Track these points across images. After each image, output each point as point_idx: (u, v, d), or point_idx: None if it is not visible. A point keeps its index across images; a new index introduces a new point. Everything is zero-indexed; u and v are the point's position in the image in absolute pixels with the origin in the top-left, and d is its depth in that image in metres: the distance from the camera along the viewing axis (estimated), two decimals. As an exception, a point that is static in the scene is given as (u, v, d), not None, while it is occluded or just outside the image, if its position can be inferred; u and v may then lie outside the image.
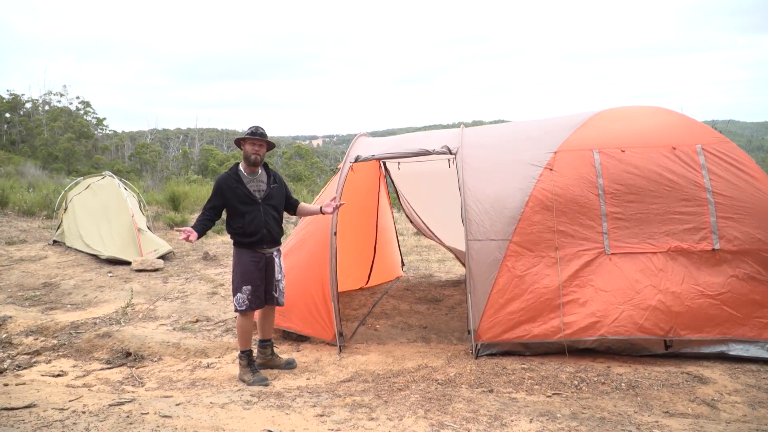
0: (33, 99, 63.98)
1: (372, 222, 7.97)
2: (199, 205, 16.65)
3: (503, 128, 6.64)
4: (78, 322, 6.35)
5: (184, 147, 64.00)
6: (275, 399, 4.39)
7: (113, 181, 10.48)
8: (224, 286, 7.75)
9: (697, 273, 4.86)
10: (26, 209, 13.97)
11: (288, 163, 55.57)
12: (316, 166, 54.32)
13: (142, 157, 55.00)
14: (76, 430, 3.64)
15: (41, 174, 25.83)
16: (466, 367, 4.86)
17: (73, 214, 10.19)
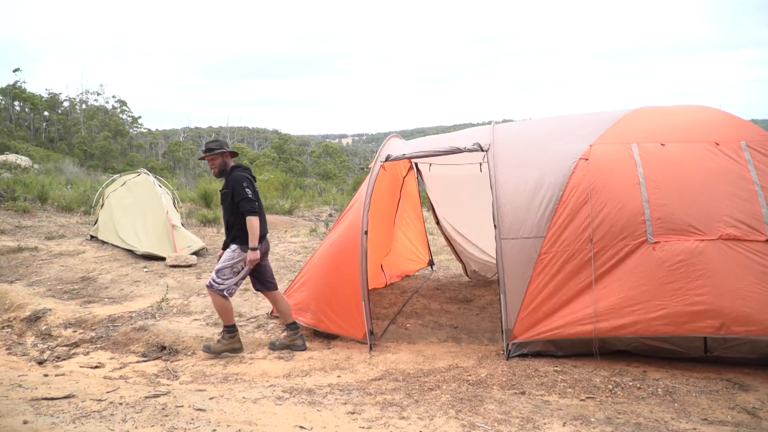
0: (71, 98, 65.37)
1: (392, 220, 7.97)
2: (231, 202, 16.83)
3: (535, 124, 6.56)
4: (115, 315, 6.47)
5: (216, 145, 64.58)
6: (306, 395, 4.41)
7: (148, 179, 10.64)
8: (256, 283, 7.82)
9: (750, 263, 4.52)
10: (65, 205, 14.27)
11: (317, 162, 55.86)
12: (344, 164, 54.51)
13: (175, 155, 55.82)
14: (113, 421, 3.70)
15: (79, 171, 26.38)
16: (498, 368, 4.82)
17: (110, 210, 10.37)
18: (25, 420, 3.58)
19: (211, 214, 13.45)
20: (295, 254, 9.72)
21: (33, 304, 6.85)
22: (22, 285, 7.78)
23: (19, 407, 3.89)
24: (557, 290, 4.93)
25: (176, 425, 3.62)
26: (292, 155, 54.73)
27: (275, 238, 11.46)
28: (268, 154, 53.62)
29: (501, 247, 5.16)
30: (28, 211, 13.36)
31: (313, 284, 6.08)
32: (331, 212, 16.72)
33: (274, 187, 20.23)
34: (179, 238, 9.46)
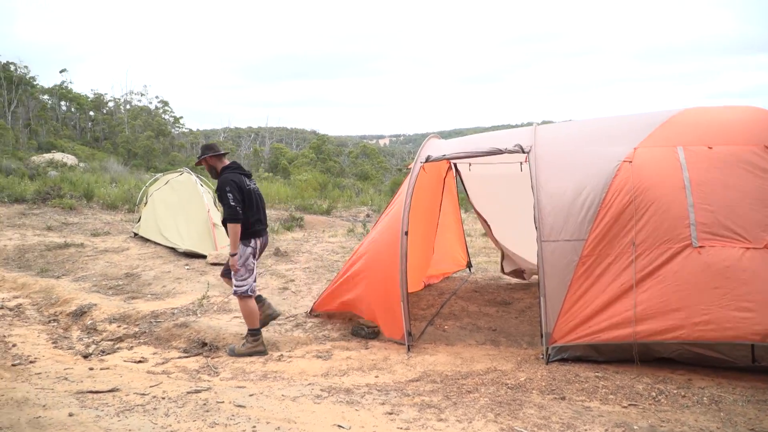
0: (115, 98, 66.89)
1: (435, 222, 7.93)
2: (270, 202, 17.02)
3: (578, 126, 6.47)
4: (157, 311, 6.60)
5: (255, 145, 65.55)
6: (344, 395, 4.43)
7: (191, 178, 10.82)
8: (294, 282, 7.89)
9: None
10: (110, 203, 14.62)
11: (354, 162, 56.06)
12: (382, 165, 54.58)
13: (216, 155, 56.54)
14: (156, 414, 3.77)
15: (123, 170, 26.99)
16: (537, 373, 4.77)
17: (153, 208, 10.59)
18: (70, 412, 3.68)
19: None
20: (332, 254, 9.78)
21: (79, 299, 7.03)
22: (68, 280, 8.00)
23: (64, 400, 4.00)
24: (598, 294, 4.86)
25: (217, 420, 3.68)
26: (329, 156, 55.04)
27: (313, 238, 11.54)
28: (306, 155, 54.05)
29: (542, 249, 5.11)
30: (74, 209, 13.72)
31: (353, 283, 6.11)
32: (369, 213, 16.77)
33: (312, 187, 20.38)
34: (220, 237, 9.59)
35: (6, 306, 7.07)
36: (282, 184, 22.03)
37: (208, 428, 3.56)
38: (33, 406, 3.77)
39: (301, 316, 6.48)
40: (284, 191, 18.90)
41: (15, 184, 15.91)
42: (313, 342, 5.84)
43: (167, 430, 3.48)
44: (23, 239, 10.16)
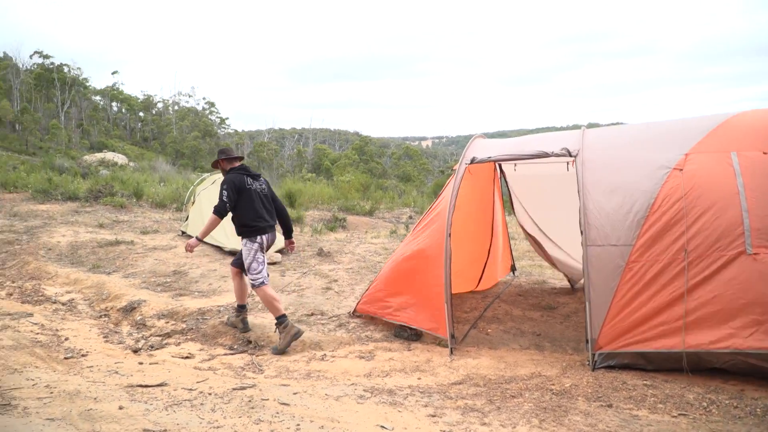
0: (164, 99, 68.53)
1: (486, 224, 7.88)
2: (314, 202, 17.17)
3: (627, 130, 6.35)
4: (204, 308, 6.73)
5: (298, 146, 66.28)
6: (387, 396, 4.44)
7: (237, 178, 10.98)
8: (338, 282, 7.93)
9: None
10: (158, 202, 14.95)
11: (397, 164, 56.17)
12: (424, 167, 54.55)
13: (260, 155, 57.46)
14: (203, 410, 3.84)
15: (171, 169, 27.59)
16: (583, 379, 4.69)
17: (200, 207, 10.78)
18: (120, 405, 3.78)
19: (295, 214, 13.75)
20: (375, 255, 9.80)
21: (129, 295, 7.21)
22: (118, 276, 8.21)
23: (115, 393, 4.10)
24: (646, 301, 4.76)
25: (262, 417, 3.73)
26: (372, 157, 55.30)
27: (356, 239, 11.59)
28: (349, 156, 54.43)
29: (587, 253, 5.04)
30: (124, 207, 14.09)
31: (396, 284, 6.12)
32: (411, 214, 16.76)
33: (355, 188, 20.48)
34: (264, 236, 9.73)
35: (59, 300, 7.30)
36: (325, 185, 22.20)
37: (253, 425, 3.61)
38: (85, 399, 3.88)
39: (344, 317, 6.52)
40: (327, 192, 19.03)
41: (68, 183, 16.42)
42: (356, 342, 5.86)
43: (214, 426, 3.54)
44: (76, 236, 10.47)
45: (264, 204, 5.99)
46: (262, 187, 6.07)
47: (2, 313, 6.39)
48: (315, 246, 10.35)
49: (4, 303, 7.04)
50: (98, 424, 3.44)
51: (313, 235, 11.85)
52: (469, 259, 7.56)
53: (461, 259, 6.59)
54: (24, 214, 12.46)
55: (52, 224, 11.53)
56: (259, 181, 6.06)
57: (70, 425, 3.38)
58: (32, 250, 9.43)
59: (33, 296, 7.43)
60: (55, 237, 10.31)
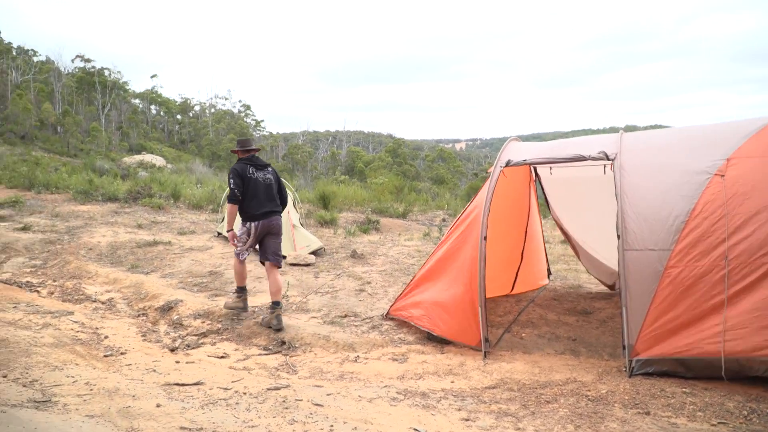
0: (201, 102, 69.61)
1: (521, 228, 7.80)
2: (347, 204, 17.24)
3: (667, 133, 6.24)
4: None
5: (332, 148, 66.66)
6: (420, 398, 4.43)
7: (272, 179, 11.09)
8: (371, 284, 7.95)
9: None
10: (195, 203, 15.19)
11: (430, 166, 56.08)
12: (458, 169, 54.36)
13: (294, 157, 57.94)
14: (238, 409, 3.89)
15: (207, 171, 27.99)
16: (620, 386, 4.62)
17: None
18: (158, 403, 3.85)
19: (329, 215, 13.82)
20: (409, 257, 9.80)
21: (166, 295, 7.34)
22: (156, 276, 8.36)
23: (152, 391, 4.18)
24: (685, 307, 4.67)
25: (296, 418, 3.76)
26: (405, 159, 55.31)
27: (389, 241, 11.60)
28: (382, 158, 54.54)
29: (624, 258, 4.97)
30: (162, 208, 14.34)
31: (428, 288, 6.11)
32: (445, 217, 16.71)
33: (388, 190, 20.50)
34: (299, 238, 9.79)
35: (99, 299, 7.47)
36: (358, 187, 22.27)
37: (288, 425, 3.64)
38: (123, 396, 3.96)
39: (377, 319, 6.53)
40: (361, 194, 19.09)
41: (108, 184, 16.79)
42: (389, 345, 5.87)
43: (249, 425, 3.58)
44: (115, 236, 10.70)
45: (266, 193, 6.48)
46: (266, 176, 6.55)
47: (44, 311, 6.56)
48: (348, 248, 10.39)
49: (45, 301, 7.23)
50: (136, 421, 3.51)
51: (347, 237, 11.89)
52: (503, 263, 7.50)
53: (495, 262, 6.54)
54: (65, 215, 12.78)
55: (92, 225, 11.80)
56: (264, 171, 6.55)
57: (108, 422, 3.46)
58: (73, 249, 9.66)
59: (74, 295, 7.61)
60: (96, 237, 10.55)
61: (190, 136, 63.72)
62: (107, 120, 54.36)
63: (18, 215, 12.56)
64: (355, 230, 12.57)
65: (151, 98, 66.69)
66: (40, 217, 12.48)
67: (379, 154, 61.23)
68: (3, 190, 16.47)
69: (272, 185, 6.57)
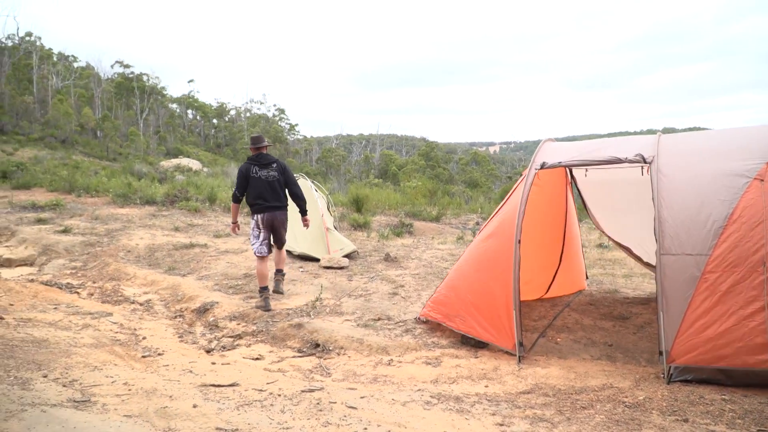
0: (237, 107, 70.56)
1: (558, 231, 7.71)
2: (381, 207, 17.27)
3: (705, 136, 6.12)
4: (273, 311, 6.87)
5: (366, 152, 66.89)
6: (454, 403, 4.42)
7: (306, 183, 11.17)
8: (404, 288, 7.95)
9: None
10: (230, 206, 15.38)
11: (464, 170, 55.85)
12: (492, 173, 54.02)
13: (328, 161, 58.31)
14: (273, 410, 3.93)
15: (242, 174, 28.19)
16: (657, 392, 4.54)
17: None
18: (194, 404, 3.91)
19: (362, 219, 13.87)
20: (442, 261, 9.78)
21: (202, 297, 7.45)
22: (192, 278, 8.50)
23: (189, 392, 4.25)
24: (722, 313, 4.58)
25: (330, 420, 3.78)
26: (438, 162, 55.19)
27: (422, 244, 11.59)
28: (415, 161, 54.50)
29: (661, 262, 4.89)
30: (198, 211, 14.58)
31: (462, 290, 6.08)
32: (478, 220, 16.61)
33: (422, 194, 20.47)
34: (332, 241, 9.85)
35: (137, 301, 7.63)
36: (392, 191, 22.30)
37: (322, 427, 3.67)
38: (161, 396, 4.04)
39: (410, 322, 6.53)
40: (394, 197, 19.11)
41: (146, 187, 17.14)
42: (423, 348, 5.86)
43: (283, 427, 3.62)
44: (153, 239, 10.91)
45: (268, 189, 7.13)
46: (270, 174, 7.18)
47: (84, 312, 6.72)
48: (382, 251, 10.41)
49: (85, 302, 7.41)
50: (173, 421, 3.58)
51: (380, 240, 11.92)
52: (538, 267, 7.43)
53: (530, 265, 6.48)
54: (105, 218, 13.08)
55: (131, 227, 12.06)
56: (267, 168, 7.19)
57: (146, 422, 3.53)
58: (112, 252, 9.88)
59: (113, 296, 7.79)
60: (134, 240, 10.77)
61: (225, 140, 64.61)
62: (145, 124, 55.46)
63: (59, 218, 12.90)
64: (389, 233, 12.58)
65: (188, 103, 67.83)
66: (80, 219, 12.80)
67: (412, 158, 61.21)
68: (44, 193, 16.95)
69: (275, 182, 7.18)
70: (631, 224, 7.45)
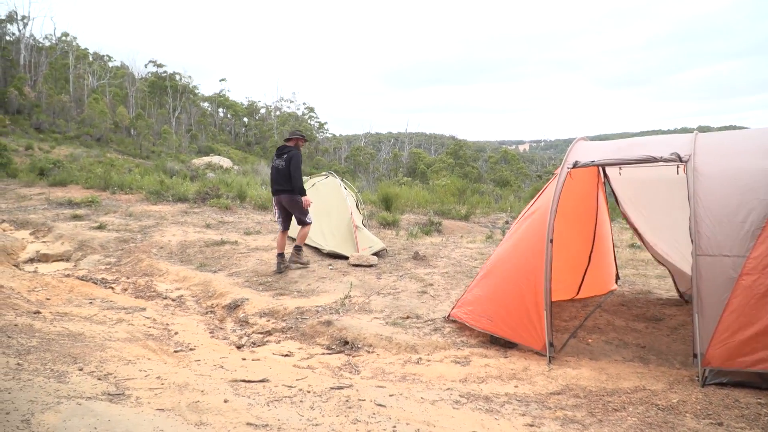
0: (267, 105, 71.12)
1: (588, 230, 7.61)
2: (409, 206, 17.25)
3: (743, 135, 5.98)
4: (303, 308, 6.91)
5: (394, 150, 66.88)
6: (483, 402, 4.40)
7: (335, 181, 11.22)
8: (433, 286, 7.93)
9: None
10: (260, 204, 15.51)
11: (493, 168, 55.53)
12: (522, 171, 53.61)
13: (356, 159, 58.44)
14: (302, 407, 3.95)
15: (272, 172, 28.41)
16: (691, 395, 4.45)
17: (299, 209, 11.09)
18: (225, 399, 3.95)
19: (391, 217, 13.87)
20: (471, 260, 9.73)
21: (233, 293, 7.53)
22: (223, 275, 8.59)
23: (220, 387, 4.30)
24: (760, 316, 4.47)
25: (359, 417, 3.79)
26: (467, 161, 54.94)
27: (451, 243, 11.55)
28: (444, 160, 54.36)
29: (697, 263, 4.79)
30: (229, 208, 14.72)
31: (491, 290, 6.04)
32: (508, 219, 16.50)
33: (450, 192, 20.39)
34: (361, 239, 9.87)
35: (169, 296, 7.74)
36: (420, 189, 22.25)
37: (351, 424, 3.67)
38: (192, 391, 4.09)
39: (439, 321, 6.51)
40: (423, 196, 19.06)
41: (178, 185, 17.37)
42: (452, 347, 5.84)
43: (312, 423, 3.64)
44: (185, 236, 11.05)
45: (277, 175, 8.55)
46: (280, 163, 8.50)
47: (118, 307, 6.84)
48: (411, 249, 10.40)
49: (119, 297, 7.54)
50: (205, 415, 3.62)
51: (409, 238, 11.90)
52: (568, 266, 7.33)
53: (560, 265, 6.41)
54: (138, 214, 13.29)
55: (163, 224, 12.23)
56: (280, 159, 8.51)
57: (178, 416, 3.57)
58: (145, 248, 10.04)
59: (146, 292, 7.91)
60: (166, 236, 10.93)
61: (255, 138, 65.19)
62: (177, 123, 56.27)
63: (94, 214, 13.14)
64: (417, 232, 12.56)
65: (219, 101, 68.62)
66: (114, 216, 13.02)
67: (440, 156, 61.07)
68: (80, 190, 17.29)
69: (283, 169, 8.44)
70: (666, 224, 7.32)
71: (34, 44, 51.40)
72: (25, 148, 29.39)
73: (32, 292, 7.00)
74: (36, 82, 47.62)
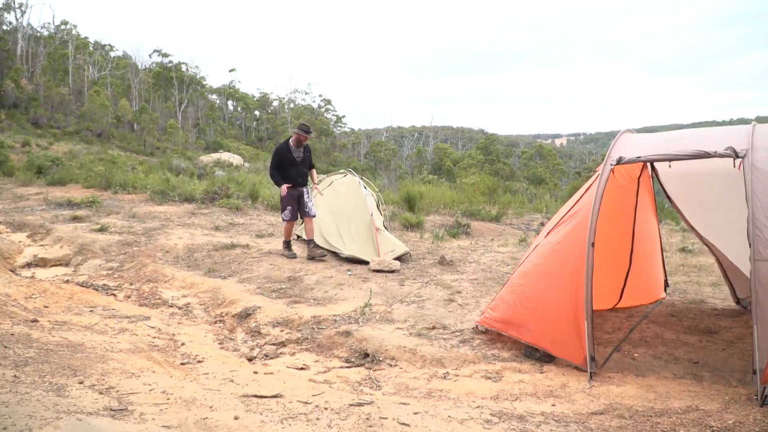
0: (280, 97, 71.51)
1: (626, 228, 7.41)
2: (435, 206, 17.22)
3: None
4: (320, 317, 6.92)
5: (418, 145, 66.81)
6: (517, 422, 4.36)
7: (354, 179, 11.22)
8: (461, 294, 7.90)
9: None
10: (274, 204, 15.56)
11: (527, 164, 55.26)
12: (558, 168, 53.25)
13: (377, 155, 58.47)
14: (319, 425, 3.94)
15: (285, 170, 28.54)
16: (749, 416, 4.38)
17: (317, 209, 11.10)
18: (236, 416, 3.96)
19: (415, 218, 13.85)
20: (503, 265, 9.67)
21: (244, 301, 7.56)
22: (234, 281, 8.64)
23: (230, 402, 4.31)
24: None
25: (381, 438, 3.77)
26: (498, 157, 54.74)
27: (481, 246, 11.50)
28: (472, 156, 54.18)
29: (755, 269, 4.70)
30: (240, 209, 14.82)
31: (525, 297, 5.99)
32: (543, 221, 16.37)
33: (480, 191, 20.32)
34: (383, 242, 9.85)
35: (176, 304, 7.80)
36: (447, 188, 22.21)
37: (372, 445, 3.66)
38: (200, 407, 4.10)
39: (468, 332, 6.47)
40: (449, 195, 19.02)
41: (185, 184, 17.53)
42: (482, 361, 5.80)
43: (330, 443, 3.63)
44: (192, 238, 11.14)
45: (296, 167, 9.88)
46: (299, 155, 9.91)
47: (120, 316, 6.91)
48: (436, 254, 10.37)
49: (122, 305, 7.61)
50: (214, 433, 3.63)
51: (434, 242, 11.88)
52: (607, 272, 7.23)
53: (599, 271, 6.34)
54: (142, 216, 13.44)
55: (169, 226, 12.35)
56: (298, 150, 9.88)
57: (185, 433, 3.59)
58: (150, 252, 10.14)
59: (150, 299, 7.99)
60: (172, 239, 11.02)
61: (268, 133, 65.58)
62: (184, 117, 56.79)
63: (95, 216, 13.31)
64: (444, 234, 12.53)
65: (228, 93, 69.14)
66: (117, 217, 13.18)
67: (469, 152, 60.88)
68: (80, 189, 17.54)
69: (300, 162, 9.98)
70: (722, 222, 7.17)
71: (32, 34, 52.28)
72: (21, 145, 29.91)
73: (29, 299, 7.09)
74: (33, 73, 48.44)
